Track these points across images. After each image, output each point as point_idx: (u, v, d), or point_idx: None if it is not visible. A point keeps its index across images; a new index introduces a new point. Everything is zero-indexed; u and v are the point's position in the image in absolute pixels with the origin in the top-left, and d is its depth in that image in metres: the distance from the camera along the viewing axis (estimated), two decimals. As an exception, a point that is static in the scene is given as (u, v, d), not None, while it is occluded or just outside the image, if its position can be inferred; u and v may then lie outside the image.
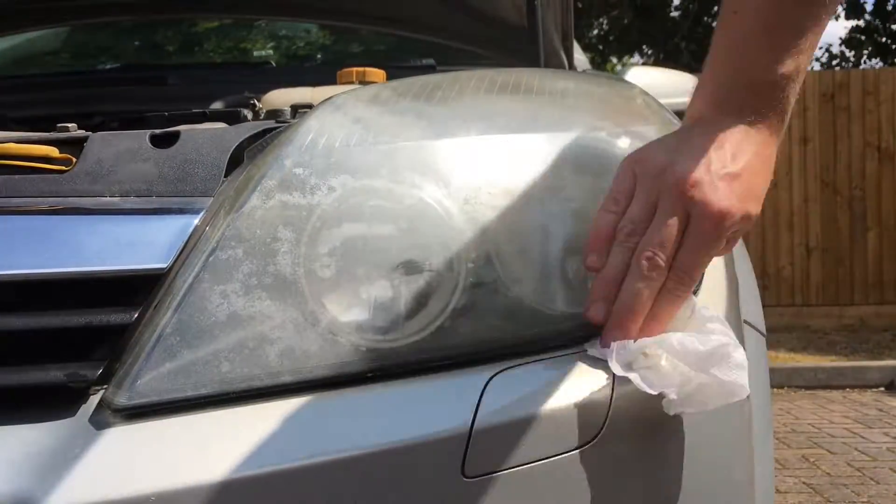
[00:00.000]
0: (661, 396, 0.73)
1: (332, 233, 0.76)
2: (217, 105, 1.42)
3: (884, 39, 15.19)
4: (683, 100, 1.86)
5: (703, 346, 0.73)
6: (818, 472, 3.14)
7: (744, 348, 0.91)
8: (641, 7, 13.39)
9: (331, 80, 1.32)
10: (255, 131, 0.88)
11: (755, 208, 0.77)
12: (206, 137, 0.84)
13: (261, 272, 0.74)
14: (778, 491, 2.87)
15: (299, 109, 1.14)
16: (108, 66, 2.44)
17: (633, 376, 0.72)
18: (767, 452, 1.02)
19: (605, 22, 14.42)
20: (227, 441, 0.69)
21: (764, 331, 1.12)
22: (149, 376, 0.71)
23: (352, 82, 1.29)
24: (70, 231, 0.76)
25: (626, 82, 1.15)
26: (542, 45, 1.67)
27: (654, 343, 0.74)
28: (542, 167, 0.83)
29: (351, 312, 0.75)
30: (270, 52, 2.53)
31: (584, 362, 0.78)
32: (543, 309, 0.78)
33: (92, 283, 0.74)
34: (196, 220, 0.77)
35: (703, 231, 0.75)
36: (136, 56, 2.52)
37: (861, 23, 15.26)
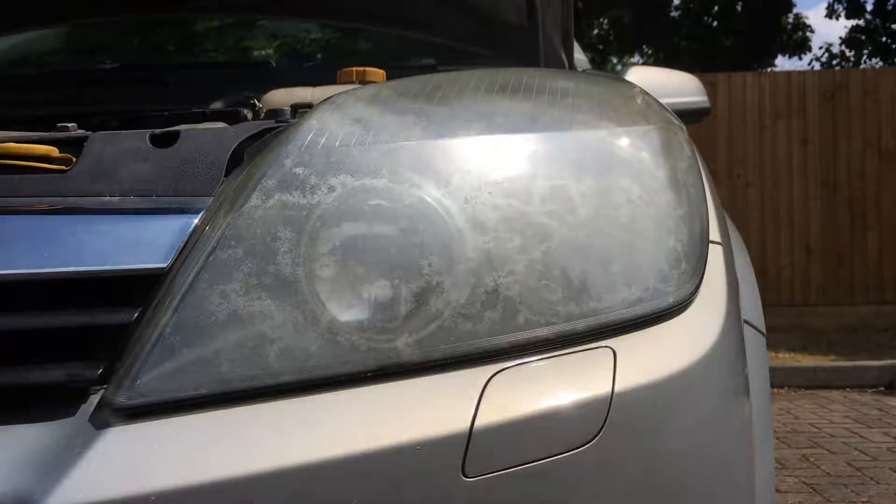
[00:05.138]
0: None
1: (332, 232, 0.76)
2: (217, 105, 1.42)
3: (884, 39, 15.21)
4: (684, 99, 1.87)
5: None
6: (818, 472, 3.14)
7: (744, 348, 0.92)
8: (641, 7, 13.41)
9: (331, 80, 1.32)
10: (255, 131, 0.88)
11: None
12: (206, 137, 0.84)
13: (261, 272, 0.74)
14: (778, 491, 2.86)
15: (299, 109, 1.14)
16: (108, 66, 2.44)
17: None
18: (767, 452, 1.02)
19: (605, 22, 14.44)
20: (227, 441, 0.69)
21: (764, 331, 1.12)
22: (149, 376, 0.71)
23: (352, 82, 1.29)
24: (70, 231, 0.76)
25: (626, 82, 1.15)
26: (542, 45, 1.67)
27: None
28: (542, 167, 0.83)
29: (351, 312, 0.75)
30: (270, 51, 2.53)
31: (584, 362, 0.78)
32: (543, 308, 0.78)
33: (92, 283, 0.74)
34: (196, 220, 0.77)
35: None
36: (136, 56, 2.52)
37: (861, 22, 15.27)
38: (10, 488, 0.65)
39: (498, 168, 0.82)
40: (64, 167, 0.81)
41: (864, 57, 15.83)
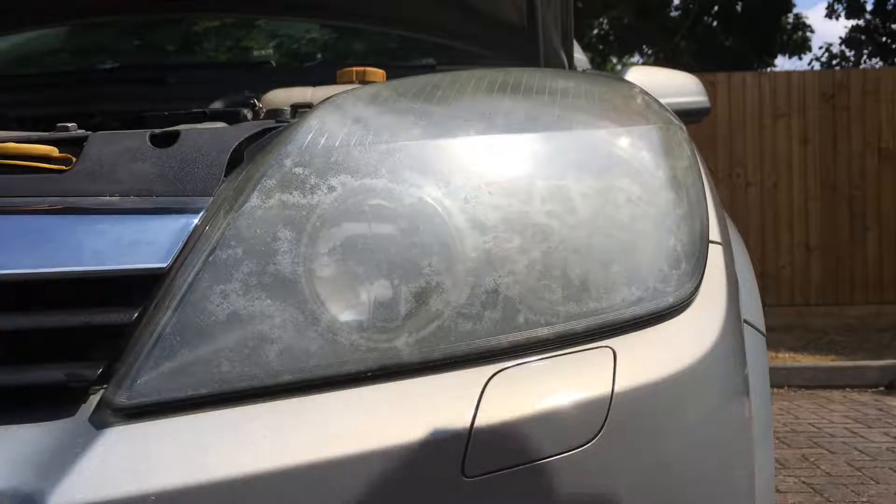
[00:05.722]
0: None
1: (332, 232, 0.76)
2: (217, 105, 1.42)
3: (884, 39, 15.22)
4: (684, 99, 1.87)
5: None
6: (818, 472, 3.14)
7: (744, 348, 0.92)
8: (641, 7, 13.42)
9: (331, 80, 1.32)
10: (255, 131, 0.87)
11: None
12: (206, 137, 0.84)
13: (261, 272, 0.74)
14: (778, 491, 2.86)
15: (299, 109, 1.14)
16: (109, 66, 2.44)
17: None
18: (767, 452, 1.02)
19: (605, 22, 14.44)
20: (227, 441, 0.69)
21: (764, 331, 1.12)
22: (149, 376, 0.71)
23: (352, 82, 1.29)
24: (70, 231, 0.76)
25: (626, 82, 1.15)
26: (542, 45, 1.67)
27: None
28: (542, 167, 0.83)
29: (351, 312, 0.75)
30: (270, 51, 2.53)
31: (584, 362, 0.78)
32: (543, 308, 0.78)
33: (92, 283, 0.74)
34: (196, 220, 0.77)
35: None
36: (136, 55, 2.52)
37: (861, 22, 15.28)
38: (11, 488, 0.65)
39: (498, 168, 0.82)
40: (64, 167, 0.81)
41: (864, 57, 15.84)
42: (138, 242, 0.75)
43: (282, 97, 1.27)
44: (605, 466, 0.75)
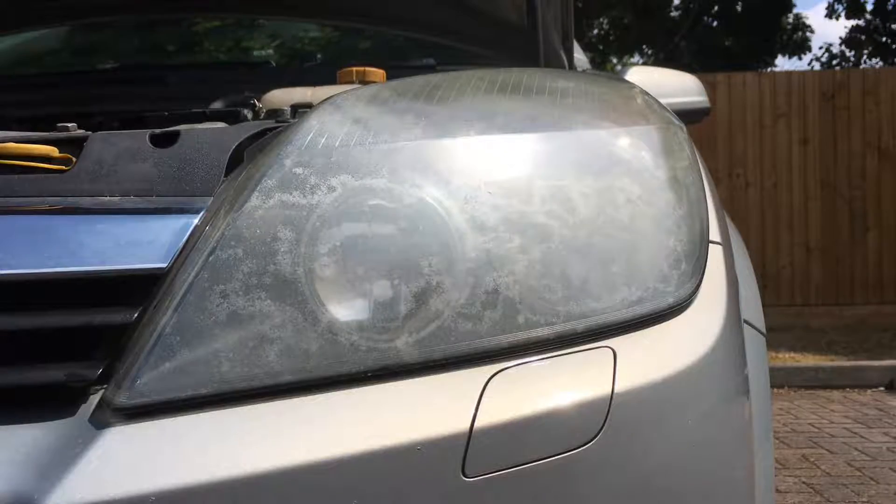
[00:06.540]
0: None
1: (332, 232, 0.76)
2: (217, 105, 1.42)
3: (884, 39, 15.22)
4: (684, 99, 1.87)
5: None
6: (818, 472, 3.14)
7: (744, 348, 0.92)
8: (641, 7, 13.42)
9: (331, 80, 1.32)
10: (255, 131, 0.88)
11: None
12: (206, 137, 0.84)
13: (261, 272, 0.74)
14: (778, 491, 2.86)
15: (299, 109, 1.14)
16: (108, 66, 2.44)
17: None
18: (767, 452, 1.02)
19: (605, 22, 14.45)
20: (227, 441, 0.69)
21: (764, 331, 1.12)
22: (149, 376, 0.71)
23: (352, 82, 1.29)
24: (70, 231, 0.76)
25: (626, 82, 1.15)
26: (542, 45, 1.67)
27: None
28: (542, 167, 0.83)
29: (351, 312, 0.75)
30: (270, 51, 2.53)
31: (584, 362, 0.78)
32: (543, 308, 0.78)
33: (92, 283, 0.74)
34: (196, 220, 0.77)
35: None
36: (136, 56, 2.52)
37: (861, 22, 15.27)
38: (10, 488, 0.65)
39: (498, 168, 0.82)
40: (64, 167, 0.81)
41: (864, 57, 15.85)
42: (138, 242, 0.75)
43: (282, 97, 1.27)
44: (604, 466, 0.75)
